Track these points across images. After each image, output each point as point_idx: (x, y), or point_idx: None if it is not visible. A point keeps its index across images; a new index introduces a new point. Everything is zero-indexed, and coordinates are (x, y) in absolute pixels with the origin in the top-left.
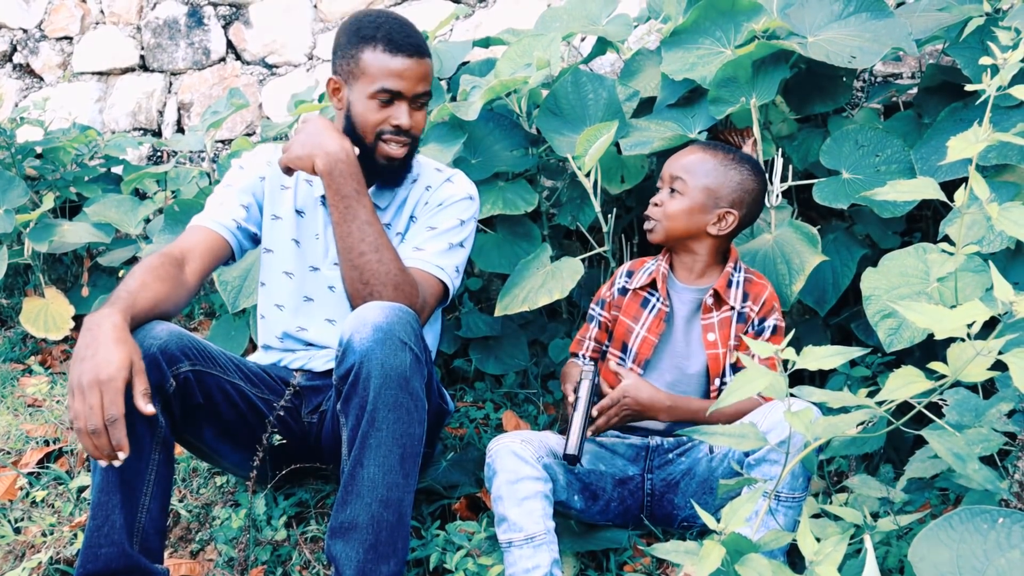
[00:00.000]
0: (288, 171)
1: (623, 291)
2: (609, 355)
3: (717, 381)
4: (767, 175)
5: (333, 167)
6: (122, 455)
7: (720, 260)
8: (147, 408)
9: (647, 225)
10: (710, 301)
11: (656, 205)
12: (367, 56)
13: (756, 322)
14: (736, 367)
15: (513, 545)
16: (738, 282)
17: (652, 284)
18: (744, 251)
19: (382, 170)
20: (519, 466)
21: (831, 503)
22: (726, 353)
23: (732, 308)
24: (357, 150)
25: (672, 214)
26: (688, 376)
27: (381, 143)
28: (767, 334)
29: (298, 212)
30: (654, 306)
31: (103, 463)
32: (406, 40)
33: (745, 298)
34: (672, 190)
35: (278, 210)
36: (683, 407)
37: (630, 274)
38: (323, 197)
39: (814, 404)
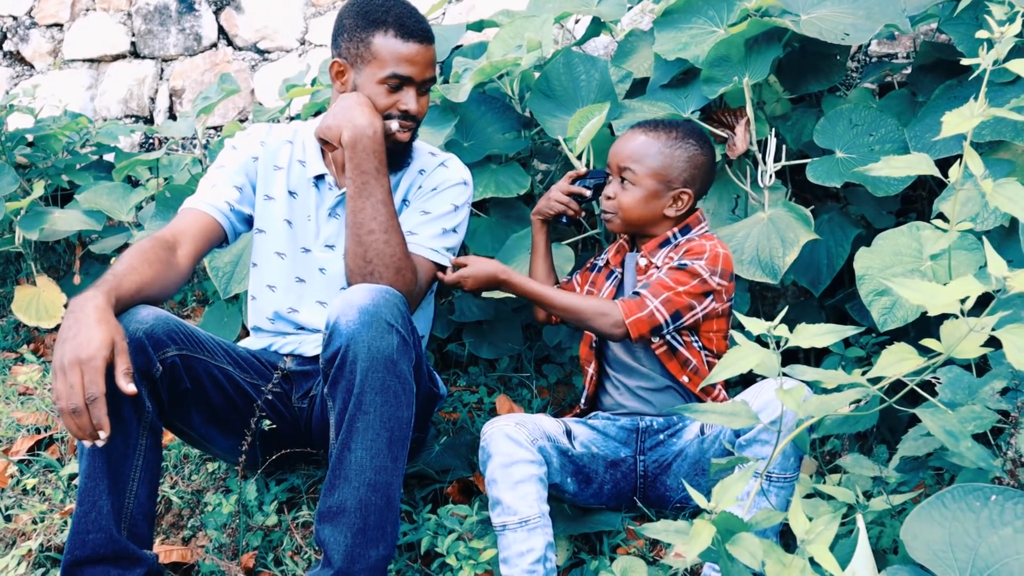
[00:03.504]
0: (322, 142)
1: (598, 269)
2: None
3: (655, 338)
4: (761, 155)
5: (358, 141)
6: (103, 434)
7: (681, 231)
8: (128, 388)
9: (604, 217)
10: (643, 263)
11: (609, 198)
12: (378, 41)
13: (673, 263)
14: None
15: (507, 528)
16: (675, 243)
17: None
18: (739, 227)
19: (388, 153)
20: (514, 449)
21: (824, 483)
22: None
23: (658, 268)
24: (390, 126)
25: (627, 206)
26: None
27: (387, 123)
28: (672, 265)
29: (291, 193)
30: (614, 277)
31: (86, 443)
32: (417, 26)
33: (674, 252)
34: (623, 179)
35: (271, 190)
36: (519, 283)
37: (606, 252)
38: (316, 178)
39: (807, 384)
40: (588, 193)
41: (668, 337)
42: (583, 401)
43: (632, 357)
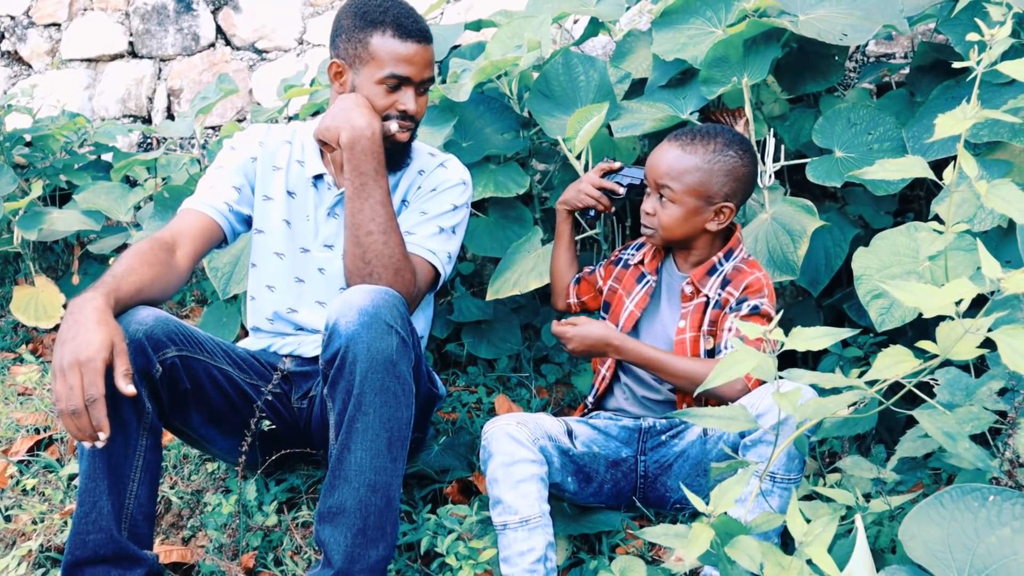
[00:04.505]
0: (320, 143)
1: (625, 264)
2: None
3: None
4: (760, 155)
5: (356, 142)
6: (103, 435)
7: (720, 245)
8: (128, 389)
9: (644, 232)
10: (688, 290)
11: (649, 214)
12: (376, 41)
13: (734, 304)
14: (712, 353)
15: (508, 528)
16: (722, 271)
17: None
18: (745, 234)
19: (387, 154)
20: (515, 448)
21: (823, 484)
22: (695, 338)
23: (707, 297)
24: (390, 127)
25: (667, 225)
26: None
27: (386, 124)
28: (743, 311)
29: (289, 193)
30: (647, 282)
31: (86, 444)
32: (415, 26)
33: (725, 285)
34: (661, 195)
35: (269, 191)
36: (632, 350)
37: (639, 247)
38: (315, 178)
39: (806, 385)
40: (622, 191)
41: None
42: (591, 400)
43: (647, 372)
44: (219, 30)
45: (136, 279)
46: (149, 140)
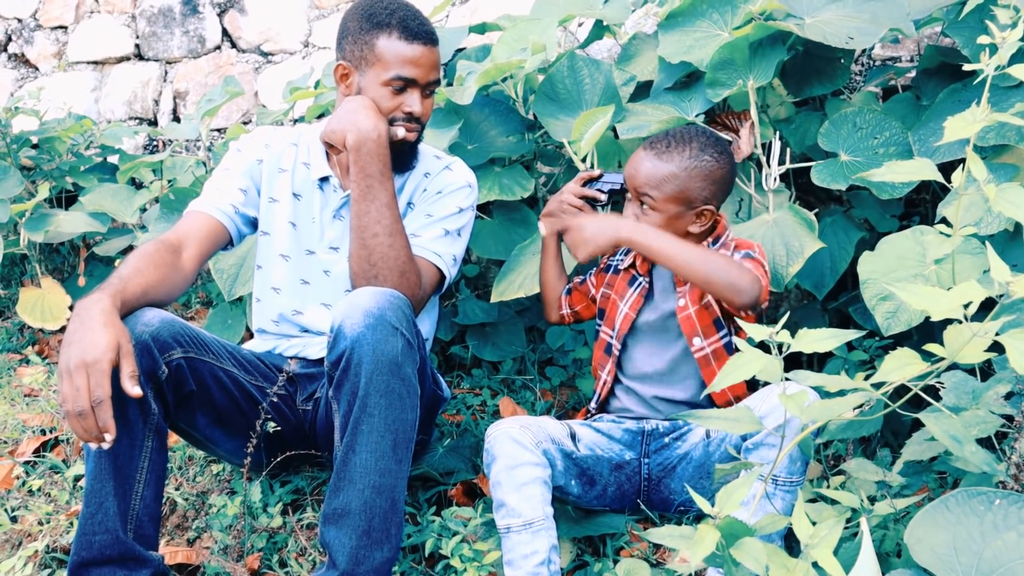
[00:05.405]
0: (327, 146)
1: (615, 270)
2: (601, 333)
3: (696, 341)
4: (765, 158)
5: (362, 144)
6: (109, 437)
7: (706, 238)
8: (134, 390)
9: None
10: None
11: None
12: (382, 43)
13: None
14: (717, 324)
15: (511, 530)
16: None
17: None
18: (742, 230)
19: (394, 155)
20: (518, 452)
21: (828, 487)
22: (699, 311)
23: None
24: (398, 133)
25: None
26: (668, 344)
27: (393, 129)
28: (739, 256)
29: (295, 195)
30: (639, 284)
31: (92, 445)
32: (421, 28)
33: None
34: (642, 203)
35: (275, 193)
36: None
37: (627, 251)
38: (320, 180)
39: (811, 388)
40: (604, 198)
41: (724, 336)
42: (594, 404)
43: (661, 361)
44: (225, 33)
45: (142, 281)
46: (155, 142)
